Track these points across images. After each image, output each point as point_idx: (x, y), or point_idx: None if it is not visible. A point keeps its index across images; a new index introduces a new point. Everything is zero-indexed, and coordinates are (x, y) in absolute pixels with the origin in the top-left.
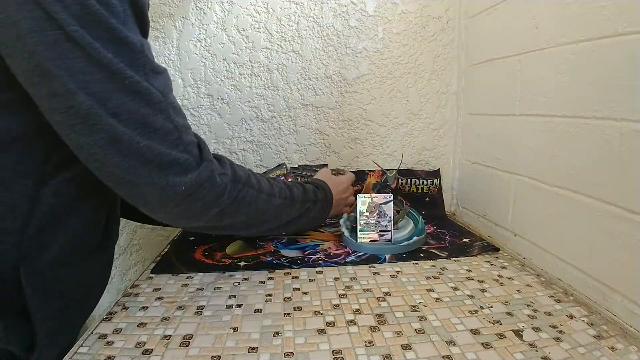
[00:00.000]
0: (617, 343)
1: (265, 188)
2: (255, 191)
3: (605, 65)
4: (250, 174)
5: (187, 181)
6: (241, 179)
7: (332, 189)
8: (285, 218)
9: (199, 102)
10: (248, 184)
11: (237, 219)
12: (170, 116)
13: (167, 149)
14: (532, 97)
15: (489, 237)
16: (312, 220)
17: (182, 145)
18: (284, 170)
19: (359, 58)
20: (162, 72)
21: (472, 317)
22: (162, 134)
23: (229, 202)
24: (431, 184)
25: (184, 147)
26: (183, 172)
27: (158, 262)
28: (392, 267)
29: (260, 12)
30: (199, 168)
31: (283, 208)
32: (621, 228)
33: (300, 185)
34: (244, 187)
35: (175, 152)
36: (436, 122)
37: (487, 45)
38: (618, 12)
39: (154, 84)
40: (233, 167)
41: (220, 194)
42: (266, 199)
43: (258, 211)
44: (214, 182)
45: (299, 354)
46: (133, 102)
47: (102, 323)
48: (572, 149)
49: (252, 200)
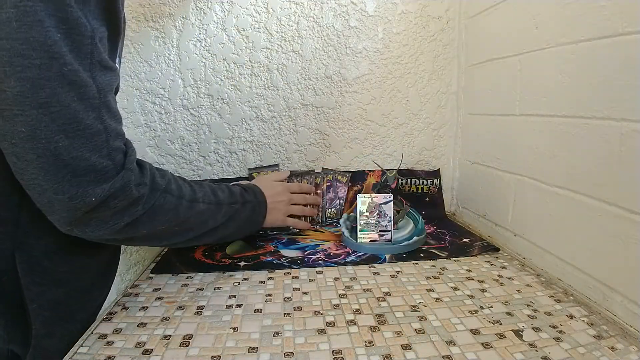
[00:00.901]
0: (617, 343)
1: (186, 194)
2: (175, 198)
3: (605, 65)
4: (172, 180)
5: (98, 192)
6: (160, 187)
7: (264, 191)
8: (212, 223)
9: (199, 102)
10: (167, 191)
11: (155, 228)
12: (102, 116)
13: (88, 152)
14: (532, 97)
15: (489, 237)
16: (245, 224)
17: (106, 150)
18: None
19: (359, 58)
20: (111, 69)
21: (472, 317)
22: (88, 133)
23: (143, 212)
24: (431, 184)
25: (108, 152)
26: (98, 181)
27: (158, 262)
28: (392, 267)
29: (260, 12)
30: (116, 178)
31: (208, 213)
32: (621, 228)
33: (227, 188)
34: (162, 195)
35: (95, 157)
36: (436, 122)
37: (487, 45)
38: (618, 12)
39: (96, 77)
40: (153, 176)
41: (134, 203)
42: (188, 206)
43: (179, 219)
44: (129, 193)
45: (299, 354)
46: (66, 94)
47: (102, 323)
48: (572, 149)
49: (172, 208)
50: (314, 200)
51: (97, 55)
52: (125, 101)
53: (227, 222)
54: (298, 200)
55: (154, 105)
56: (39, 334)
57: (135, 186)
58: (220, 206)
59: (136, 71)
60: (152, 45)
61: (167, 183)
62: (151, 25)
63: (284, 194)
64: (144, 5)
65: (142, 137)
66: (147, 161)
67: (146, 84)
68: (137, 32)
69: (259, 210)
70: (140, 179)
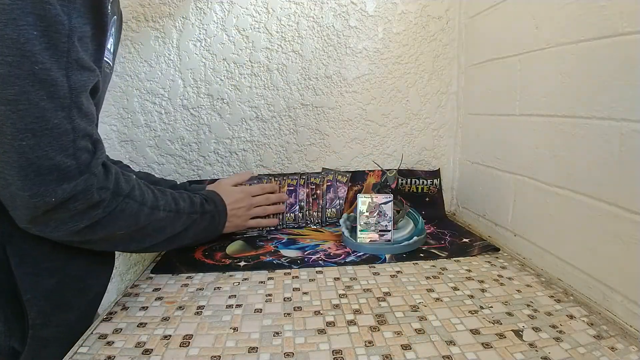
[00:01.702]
0: (617, 343)
1: (148, 201)
2: (137, 204)
3: (605, 65)
4: (136, 186)
5: (59, 192)
6: (123, 192)
7: (224, 199)
8: (170, 231)
9: (199, 102)
10: (130, 197)
11: (114, 233)
12: (71, 116)
13: (53, 151)
14: (532, 97)
15: (489, 237)
16: (203, 233)
17: (72, 149)
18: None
19: (359, 58)
20: (89, 69)
21: (472, 317)
22: (56, 133)
23: (103, 216)
24: (431, 184)
25: (74, 151)
26: (60, 180)
27: (158, 262)
28: (392, 267)
29: (260, 12)
30: (78, 179)
31: (167, 221)
32: (621, 228)
33: (188, 197)
34: (124, 200)
35: (60, 156)
36: (436, 122)
37: (487, 45)
38: (618, 12)
39: (71, 76)
40: (117, 180)
41: (94, 207)
42: (149, 212)
43: (138, 225)
44: (90, 197)
45: (299, 354)
46: (36, 92)
47: (102, 323)
48: (572, 149)
49: (132, 214)
50: (277, 198)
51: (74, 54)
52: (125, 101)
53: (185, 231)
54: (260, 202)
55: (154, 105)
56: (36, 324)
57: (97, 190)
58: (180, 215)
59: (136, 71)
60: (152, 45)
61: (131, 189)
62: (151, 25)
63: (245, 200)
64: (144, 5)
65: (142, 137)
66: (113, 165)
67: (146, 84)
68: (137, 32)
69: (218, 219)
70: (103, 182)
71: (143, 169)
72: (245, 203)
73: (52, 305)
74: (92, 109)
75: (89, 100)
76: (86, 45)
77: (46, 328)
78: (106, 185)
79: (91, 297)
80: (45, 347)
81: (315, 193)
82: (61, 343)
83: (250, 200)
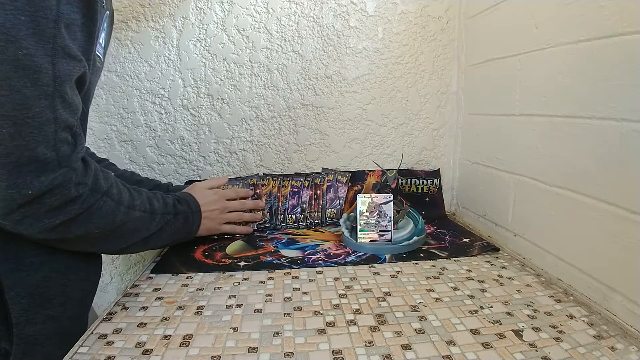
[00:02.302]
0: (617, 343)
1: (125, 200)
2: (114, 203)
3: (606, 65)
4: (114, 184)
5: (36, 185)
6: (101, 189)
7: (198, 201)
8: (144, 233)
9: (199, 102)
10: (107, 195)
11: (89, 230)
12: (54, 105)
13: (34, 141)
14: (532, 97)
15: (489, 237)
16: (176, 235)
17: (53, 141)
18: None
19: (359, 58)
20: (76, 59)
21: (472, 317)
22: (37, 122)
23: (79, 212)
24: (431, 184)
25: (54, 143)
26: (38, 172)
27: (158, 262)
28: (392, 267)
29: (260, 12)
30: (56, 172)
31: (142, 221)
32: (621, 228)
33: (162, 197)
34: (102, 198)
35: (40, 147)
36: (436, 122)
37: (487, 45)
38: (618, 12)
39: (57, 64)
40: (96, 176)
41: (70, 202)
42: (125, 212)
43: (114, 224)
44: (67, 192)
45: (299, 354)
46: (19, 79)
47: (102, 323)
48: (572, 149)
49: (109, 212)
50: (253, 205)
51: (60, 40)
52: (125, 101)
53: (158, 232)
54: (235, 207)
55: (154, 105)
56: (19, 322)
57: (74, 185)
58: (154, 216)
59: (136, 71)
60: (152, 45)
61: (109, 186)
62: (151, 25)
63: (219, 202)
64: (144, 5)
65: (142, 137)
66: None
67: (146, 84)
68: (137, 32)
69: (191, 221)
70: (82, 178)
71: (143, 169)
72: (219, 206)
73: (35, 302)
74: (76, 100)
75: (74, 91)
76: (74, 33)
77: (31, 325)
78: (84, 180)
79: (75, 295)
80: (33, 345)
81: (316, 193)
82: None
83: (224, 204)
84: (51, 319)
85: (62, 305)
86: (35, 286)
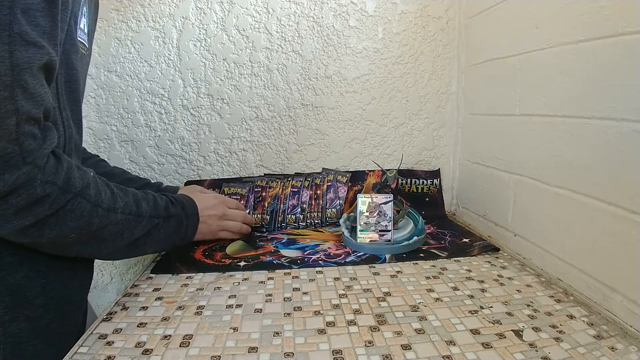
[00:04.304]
0: (617, 343)
1: (104, 202)
2: (89, 204)
3: (606, 65)
4: (91, 184)
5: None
6: (73, 189)
7: (197, 204)
8: (128, 237)
9: (199, 102)
10: (82, 195)
11: (63, 234)
12: (15, 97)
13: None
14: (532, 97)
15: (489, 237)
16: (169, 239)
17: (15, 135)
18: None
19: (359, 58)
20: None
21: (472, 317)
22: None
23: (48, 213)
24: (431, 184)
25: (16, 137)
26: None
27: (158, 262)
28: (392, 267)
29: (260, 12)
30: (21, 170)
31: (124, 225)
32: (621, 228)
33: (153, 199)
34: (74, 199)
35: (3, 142)
36: (436, 122)
37: (487, 45)
38: (618, 12)
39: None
40: (69, 175)
41: (37, 202)
42: (103, 214)
43: (91, 227)
44: (32, 191)
45: (299, 354)
46: None
47: (102, 323)
48: (572, 149)
49: (84, 214)
50: (249, 220)
51: (17, 27)
52: (125, 101)
53: (145, 237)
54: (235, 217)
55: (154, 105)
56: (5, 321)
57: (40, 184)
58: (140, 219)
59: (136, 71)
60: (152, 45)
61: (84, 186)
62: (151, 25)
63: (218, 207)
64: (144, 5)
65: (142, 137)
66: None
67: (146, 84)
68: (137, 32)
69: (187, 224)
70: (50, 176)
71: (143, 169)
72: (218, 211)
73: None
74: (40, 90)
75: (37, 80)
76: (34, 19)
77: (15, 324)
78: (53, 179)
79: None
80: (20, 344)
81: (316, 193)
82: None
83: (224, 210)
84: (32, 319)
85: (43, 306)
86: (17, 285)
